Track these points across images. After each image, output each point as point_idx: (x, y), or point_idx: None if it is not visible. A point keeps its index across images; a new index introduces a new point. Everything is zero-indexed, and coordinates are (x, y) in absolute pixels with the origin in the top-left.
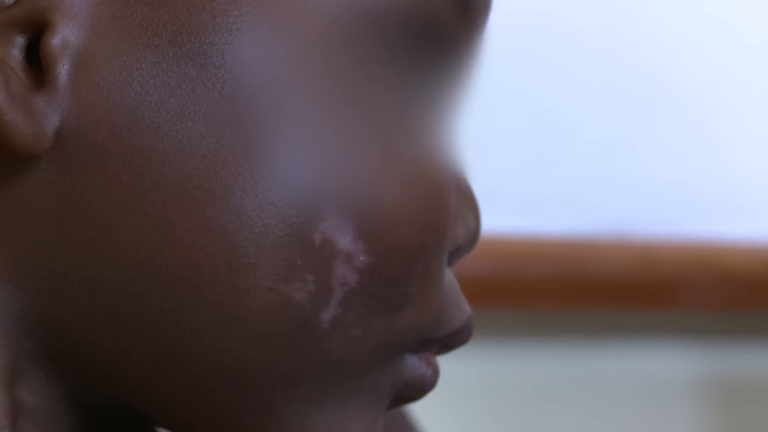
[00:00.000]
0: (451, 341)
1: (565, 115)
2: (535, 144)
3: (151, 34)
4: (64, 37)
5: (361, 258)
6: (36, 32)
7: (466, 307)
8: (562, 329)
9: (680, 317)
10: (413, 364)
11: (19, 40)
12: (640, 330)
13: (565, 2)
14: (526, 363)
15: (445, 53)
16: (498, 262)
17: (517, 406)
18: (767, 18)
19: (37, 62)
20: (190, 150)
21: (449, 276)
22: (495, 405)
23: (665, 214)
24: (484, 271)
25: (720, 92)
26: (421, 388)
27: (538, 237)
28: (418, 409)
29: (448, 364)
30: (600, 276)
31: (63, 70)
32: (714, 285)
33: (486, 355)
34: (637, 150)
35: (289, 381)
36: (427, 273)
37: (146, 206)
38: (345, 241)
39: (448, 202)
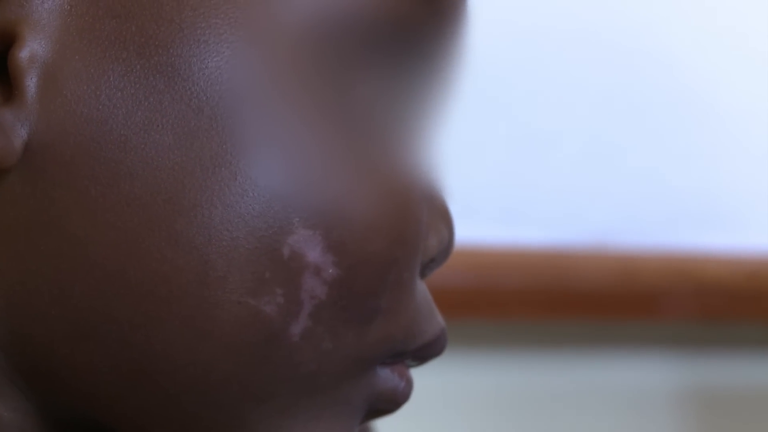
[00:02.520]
0: (424, 353)
1: (545, 125)
2: (515, 154)
3: (119, 47)
4: (32, 50)
5: (330, 271)
6: (3, 45)
7: (440, 319)
8: (542, 340)
9: (660, 328)
10: (386, 376)
11: None
12: (619, 340)
13: (543, 13)
14: (506, 374)
15: (419, 54)
16: (477, 273)
17: (496, 417)
18: (749, 32)
19: (4, 76)
20: (158, 163)
21: (422, 288)
22: (473, 416)
23: (645, 224)
24: (464, 282)
25: (699, 104)
26: (394, 400)
27: (517, 248)
28: (392, 421)
29: (426, 375)
30: (580, 287)
31: (31, 83)
32: (694, 295)
33: (465, 367)
34: (617, 161)
35: (260, 395)
36: (399, 285)
37: (114, 220)
38: (314, 253)
39: (418, 214)
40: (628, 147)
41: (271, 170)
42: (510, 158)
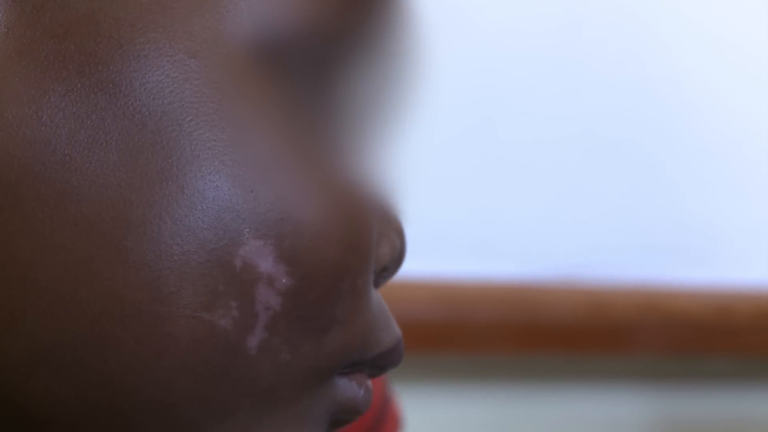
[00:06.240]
0: (381, 362)
1: (515, 158)
2: (485, 188)
3: (59, 67)
4: None
5: (284, 281)
6: None
7: (396, 329)
8: (512, 373)
9: (631, 361)
10: (344, 386)
11: None
12: (590, 374)
13: (516, 44)
14: (477, 407)
15: (362, 61)
16: (448, 307)
17: None
18: (719, 68)
19: None
20: (104, 181)
21: (377, 297)
22: None
23: (616, 258)
24: (435, 315)
25: (669, 138)
26: (354, 409)
27: (488, 281)
28: None
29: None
30: (550, 320)
31: None
32: (663, 329)
33: (436, 400)
34: (588, 195)
35: (220, 412)
36: (354, 293)
37: (63, 241)
38: (266, 264)
39: (369, 221)
40: (598, 181)
41: (218, 182)
42: (481, 192)
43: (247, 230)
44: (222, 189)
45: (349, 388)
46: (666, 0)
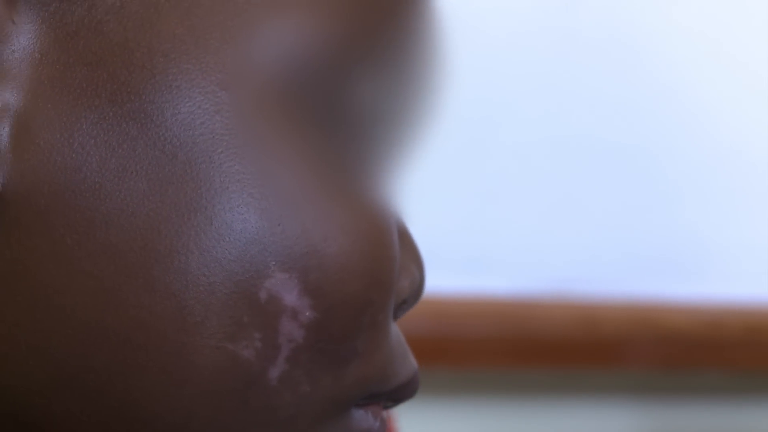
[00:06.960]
0: (398, 395)
1: (507, 173)
2: (476, 203)
3: (91, 94)
4: (3, 99)
5: (307, 314)
6: None
7: (413, 361)
8: (505, 389)
9: (622, 376)
10: (360, 417)
11: None
12: (582, 389)
13: (507, 60)
14: (469, 422)
15: (389, 85)
16: (440, 322)
17: None
18: (708, 84)
19: None
20: (133, 209)
21: (395, 330)
22: None
23: (607, 274)
24: (427, 330)
25: (659, 153)
26: None
27: (480, 297)
28: None
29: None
30: (542, 335)
31: (3, 133)
32: (655, 344)
33: (428, 414)
34: (579, 210)
35: None
36: (374, 327)
37: (91, 268)
38: (291, 297)
39: (393, 256)
40: (591, 197)
41: (246, 215)
42: (473, 207)
43: (273, 263)
44: (250, 222)
45: (364, 419)
46: (666, 9)
